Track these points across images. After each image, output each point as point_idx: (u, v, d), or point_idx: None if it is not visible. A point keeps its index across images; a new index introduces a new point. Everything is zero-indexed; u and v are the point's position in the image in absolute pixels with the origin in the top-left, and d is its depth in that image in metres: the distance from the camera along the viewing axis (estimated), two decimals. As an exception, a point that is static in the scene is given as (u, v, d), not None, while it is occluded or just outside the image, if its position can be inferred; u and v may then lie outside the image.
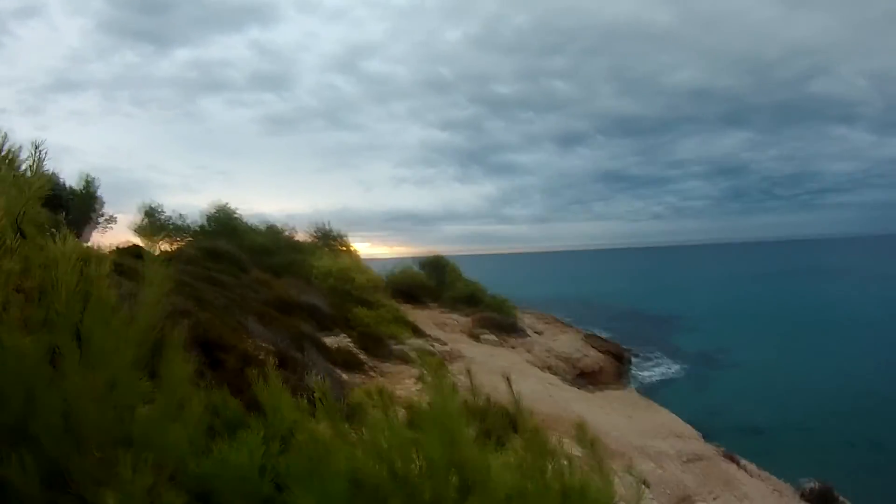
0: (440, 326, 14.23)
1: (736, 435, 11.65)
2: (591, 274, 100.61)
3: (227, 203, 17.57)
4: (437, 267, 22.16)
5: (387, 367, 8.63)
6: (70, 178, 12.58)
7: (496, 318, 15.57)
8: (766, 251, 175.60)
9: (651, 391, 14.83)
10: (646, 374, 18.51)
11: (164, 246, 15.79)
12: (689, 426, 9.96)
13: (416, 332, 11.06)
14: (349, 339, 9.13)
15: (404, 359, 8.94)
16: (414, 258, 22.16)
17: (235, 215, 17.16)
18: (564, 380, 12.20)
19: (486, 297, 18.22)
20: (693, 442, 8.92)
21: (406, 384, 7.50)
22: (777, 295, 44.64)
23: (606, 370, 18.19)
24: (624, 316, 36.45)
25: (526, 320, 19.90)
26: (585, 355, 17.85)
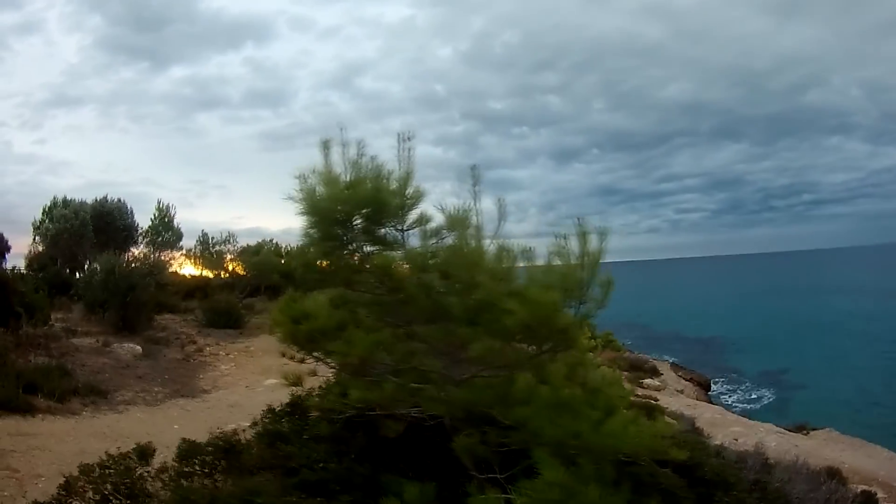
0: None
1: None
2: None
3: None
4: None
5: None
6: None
7: (629, 358, 17.37)
8: (766, 264, 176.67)
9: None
10: (743, 404, 19.28)
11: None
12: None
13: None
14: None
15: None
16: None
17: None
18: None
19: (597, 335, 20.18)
20: None
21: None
22: (801, 310, 46.51)
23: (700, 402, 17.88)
24: (667, 339, 37.99)
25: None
26: (683, 388, 17.80)
